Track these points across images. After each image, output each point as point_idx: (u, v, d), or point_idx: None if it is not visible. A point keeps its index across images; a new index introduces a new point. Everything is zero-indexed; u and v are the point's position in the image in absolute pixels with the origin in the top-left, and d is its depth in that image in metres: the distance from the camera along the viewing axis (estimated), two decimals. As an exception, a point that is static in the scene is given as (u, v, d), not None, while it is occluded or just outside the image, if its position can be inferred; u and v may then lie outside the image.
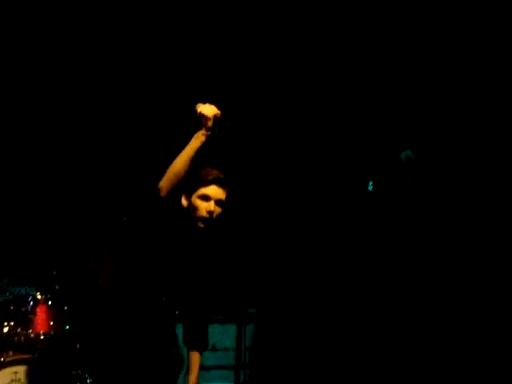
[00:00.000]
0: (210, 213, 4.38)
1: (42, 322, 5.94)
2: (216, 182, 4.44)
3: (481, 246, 6.07)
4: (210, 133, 4.25)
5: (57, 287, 6.19)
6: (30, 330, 5.85)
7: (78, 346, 6.01)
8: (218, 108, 4.32)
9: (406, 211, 6.19)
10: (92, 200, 7.28)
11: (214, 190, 4.42)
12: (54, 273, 6.29)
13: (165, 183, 4.21)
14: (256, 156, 6.74)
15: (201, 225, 4.40)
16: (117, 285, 4.56)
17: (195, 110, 4.30)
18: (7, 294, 6.61)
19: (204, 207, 4.38)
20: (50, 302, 6.03)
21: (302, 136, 7.38)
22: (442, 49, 6.86)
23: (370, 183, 6.25)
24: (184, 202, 4.47)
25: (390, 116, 7.00)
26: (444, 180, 6.24)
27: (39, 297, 6.02)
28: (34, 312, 5.93)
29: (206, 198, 4.40)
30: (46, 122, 7.34)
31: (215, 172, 4.48)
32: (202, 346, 4.64)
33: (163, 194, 4.21)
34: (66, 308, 6.07)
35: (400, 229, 6.23)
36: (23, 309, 5.97)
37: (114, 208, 6.95)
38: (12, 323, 5.84)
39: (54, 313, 6.02)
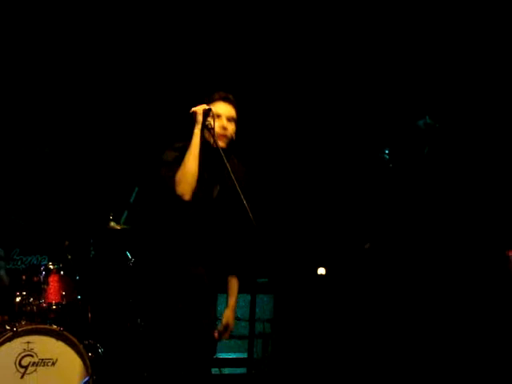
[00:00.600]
0: (224, 128, 4.42)
1: (54, 291, 5.91)
2: (223, 99, 4.50)
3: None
4: (201, 126, 4.32)
5: (69, 257, 6.17)
6: (43, 300, 5.82)
7: (89, 315, 6.00)
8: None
9: (421, 184, 6.12)
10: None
11: (222, 107, 4.47)
12: (66, 243, 6.27)
13: (186, 188, 4.23)
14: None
15: (221, 143, 4.37)
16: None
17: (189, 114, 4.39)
18: (19, 263, 6.61)
19: (217, 126, 4.38)
20: (62, 272, 6.00)
21: (318, 101, 7.37)
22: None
23: (386, 151, 6.18)
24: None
25: (407, 83, 6.94)
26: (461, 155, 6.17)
27: (51, 266, 5.98)
28: (46, 282, 5.89)
29: (218, 116, 4.41)
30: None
31: (220, 92, 4.53)
32: (240, 270, 4.63)
33: (188, 197, 4.23)
34: (77, 278, 6.04)
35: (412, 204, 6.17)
36: (35, 278, 5.93)
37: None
38: (24, 293, 5.81)
39: (66, 282, 5.99)
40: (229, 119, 4.46)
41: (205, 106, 4.35)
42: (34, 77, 7.16)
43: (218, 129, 4.37)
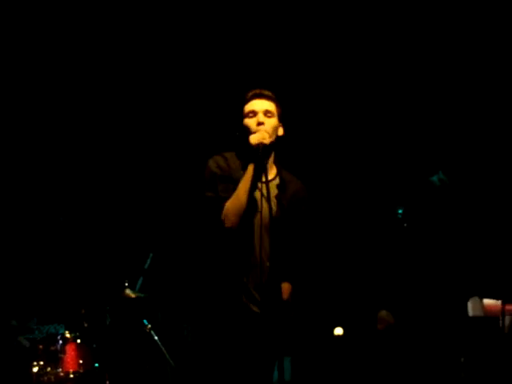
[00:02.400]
0: (261, 123, 4.21)
1: (71, 360, 5.94)
2: (256, 96, 4.29)
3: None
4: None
5: (85, 325, 6.19)
6: (60, 369, 5.85)
7: (107, 383, 6.00)
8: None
9: (436, 242, 6.12)
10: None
11: (256, 103, 4.26)
12: (83, 311, 6.30)
13: (235, 221, 4.14)
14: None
15: (254, 140, 4.16)
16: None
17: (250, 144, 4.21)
18: (36, 332, 6.63)
19: (253, 121, 4.22)
20: (78, 340, 6.03)
21: (333, 158, 7.40)
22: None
23: (400, 211, 6.19)
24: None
25: (418, 140, 6.98)
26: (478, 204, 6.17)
27: (68, 335, 6.02)
28: (63, 350, 5.93)
29: (253, 113, 4.25)
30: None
31: (255, 89, 4.33)
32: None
33: (235, 227, 4.16)
34: (94, 346, 6.06)
35: (435, 256, 6.16)
36: (52, 348, 5.96)
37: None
38: (42, 362, 5.84)
39: (83, 351, 6.01)
40: (266, 114, 4.25)
41: (267, 138, 4.16)
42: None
43: (253, 126, 4.20)
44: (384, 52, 7.18)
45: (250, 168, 4.17)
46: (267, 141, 4.14)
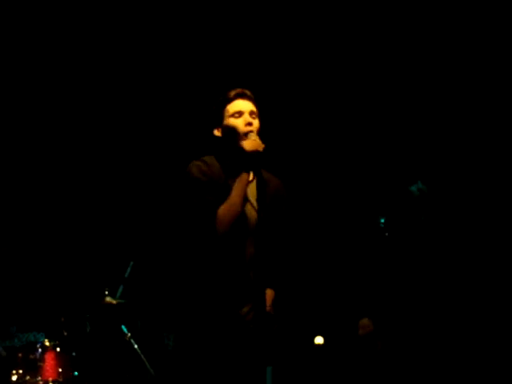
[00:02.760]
0: (250, 124, 4.14)
1: (50, 368, 5.90)
2: (239, 96, 4.21)
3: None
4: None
5: (65, 333, 6.16)
6: (39, 378, 5.81)
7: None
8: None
9: (420, 250, 6.13)
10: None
11: (241, 104, 4.19)
12: (63, 319, 6.27)
13: (228, 228, 4.04)
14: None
15: (248, 146, 4.07)
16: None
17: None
18: (15, 340, 6.59)
19: (241, 122, 4.14)
20: (58, 349, 6.00)
21: (314, 169, 7.41)
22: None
23: (382, 220, 6.20)
24: (217, 132, 4.23)
25: (397, 151, 7.00)
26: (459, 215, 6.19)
27: (47, 343, 5.98)
28: (42, 359, 5.89)
29: (238, 113, 4.17)
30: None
31: (236, 89, 4.24)
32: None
33: (227, 234, 4.05)
34: (74, 354, 6.03)
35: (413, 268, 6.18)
36: (32, 356, 5.93)
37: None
38: (21, 371, 5.80)
39: (62, 359, 5.98)
40: (251, 114, 4.18)
41: (261, 145, 4.06)
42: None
43: (242, 127, 4.11)
44: (362, 66, 7.23)
45: (245, 174, 4.07)
46: (261, 148, 4.04)
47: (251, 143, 4.05)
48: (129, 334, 6.22)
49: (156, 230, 7.29)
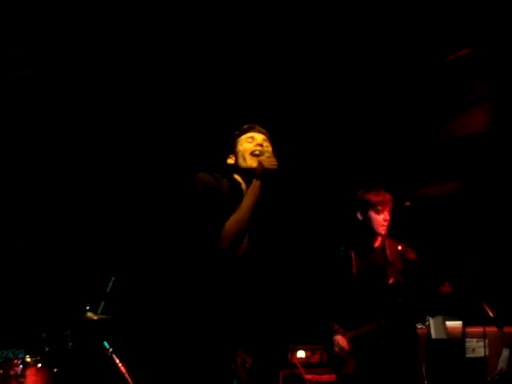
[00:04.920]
0: (260, 145, 4.39)
1: (31, 385, 5.84)
2: (253, 129, 4.51)
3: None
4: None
5: (46, 349, 6.11)
6: (20, 394, 5.74)
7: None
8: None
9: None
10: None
11: (255, 134, 4.47)
12: (43, 335, 6.22)
13: (231, 240, 4.17)
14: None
15: (254, 160, 4.34)
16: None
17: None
18: (-5, 358, 6.51)
19: (253, 145, 4.40)
20: (39, 365, 5.94)
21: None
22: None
23: (342, 248, 6.27)
24: (231, 160, 4.47)
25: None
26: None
27: (28, 359, 5.92)
28: (23, 375, 5.82)
29: (251, 138, 4.43)
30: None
31: (249, 124, 4.54)
32: None
33: (229, 248, 4.19)
34: (55, 370, 5.97)
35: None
36: (12, 372, 5.86)
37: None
38: (1, 387, 5.73)
39: (44, 375, 5.92)
40: (264, 141, 4.46)
41: (274, 162, 4.30)
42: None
43: (253, 147, 4.39)
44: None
45: (257, 188, 4.25)
46: (276, 167, 4.28)
47: (268, 160, 4.28)
48: (111, 349, 6.19)
49: (136, 244, 7.28)
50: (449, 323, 6.32)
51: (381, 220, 5.89)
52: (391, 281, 5.88)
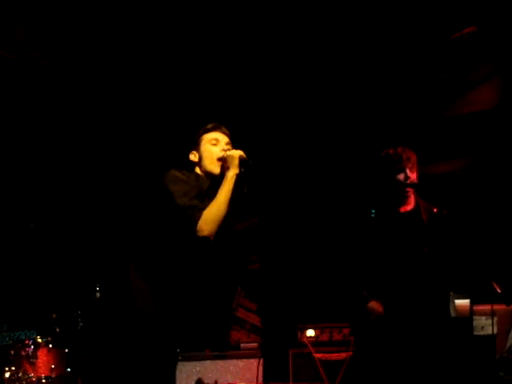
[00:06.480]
0: (226, 150, 4.48)
1: (43, 365, 5.92)
2: (218, 128, 4.59)
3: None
4: (238, 171, 4.37)
5: (57, 330, 6.17)
6: (32, 374, 5.82)
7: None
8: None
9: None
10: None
11: (219, 135, 4.56)
12: (54, 316, 6.28)
13: (213, 230, 4.26)
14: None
15: (217, 166, 4.46)
16: None
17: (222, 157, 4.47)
18: (7, 339, 6.58)
19: (218, 149, 4.49)
20: (50, 345, 6.00)
21: (305, 159, 7.47)
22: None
23: (373, 211, 6.17)
24: (194, 157, 4.57)
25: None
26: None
27: (39, 340, 5.99)
28: (35, 355, 5.89)
29: (216, 140, 4.54)
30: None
31: (214, 123, 4.64)
32: None
33: (213, 238, 4.27)
34: (66, 350, 6.03)
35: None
36: (23, 353, 5.93)
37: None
38: (13, 368, 5.80)
39: (55, 356, 5.99)
40: (227, 144, 4.55)
41: (242, 153, 4.41)
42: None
43: (220, 152, 4.47)
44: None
45: (232, 178, 4.35)
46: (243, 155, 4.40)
47: (234, 151, 4.42)
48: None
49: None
50: (457, 301, 6.30)
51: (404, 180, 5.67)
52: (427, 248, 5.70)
